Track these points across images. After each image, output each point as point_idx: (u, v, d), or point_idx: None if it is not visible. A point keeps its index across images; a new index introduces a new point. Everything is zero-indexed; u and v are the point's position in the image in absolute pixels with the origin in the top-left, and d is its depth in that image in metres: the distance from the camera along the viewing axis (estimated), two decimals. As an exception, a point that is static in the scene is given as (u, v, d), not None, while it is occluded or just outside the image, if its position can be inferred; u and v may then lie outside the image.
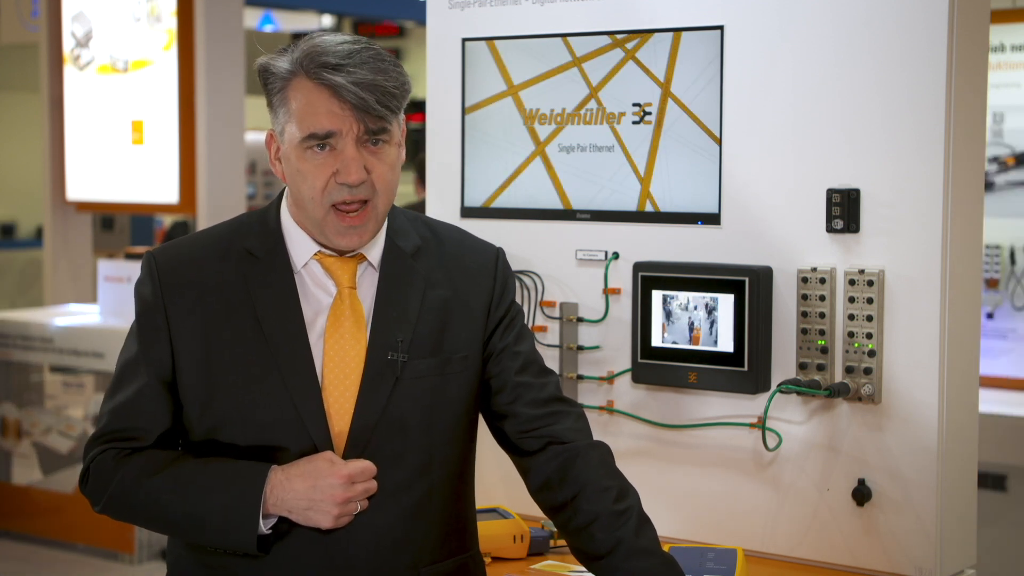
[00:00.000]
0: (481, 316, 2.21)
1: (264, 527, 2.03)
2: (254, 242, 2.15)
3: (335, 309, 2.12)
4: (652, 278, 2.80)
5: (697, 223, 2.81)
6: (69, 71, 6.87)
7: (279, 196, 2.20)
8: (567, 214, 2.96)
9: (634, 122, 2.86)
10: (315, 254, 2.14)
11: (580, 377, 2.96)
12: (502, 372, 2.21)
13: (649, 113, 2.85)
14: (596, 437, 2.25)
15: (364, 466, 2.04)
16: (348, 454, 2.08)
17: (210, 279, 2.12)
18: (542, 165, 2.98)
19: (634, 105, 2.86)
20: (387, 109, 2.05)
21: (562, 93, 2.94)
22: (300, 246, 2.14)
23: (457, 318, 2.18)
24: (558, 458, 2.18)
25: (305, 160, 2.06)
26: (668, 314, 2.79)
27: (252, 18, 11.40)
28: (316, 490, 2.01)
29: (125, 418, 2.12)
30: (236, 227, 2.19)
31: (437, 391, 2.15)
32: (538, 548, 2.77)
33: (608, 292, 2.91)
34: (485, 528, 2.65)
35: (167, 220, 10.52)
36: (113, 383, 2.15)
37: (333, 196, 2.06)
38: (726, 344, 2.72)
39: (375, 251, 2.16)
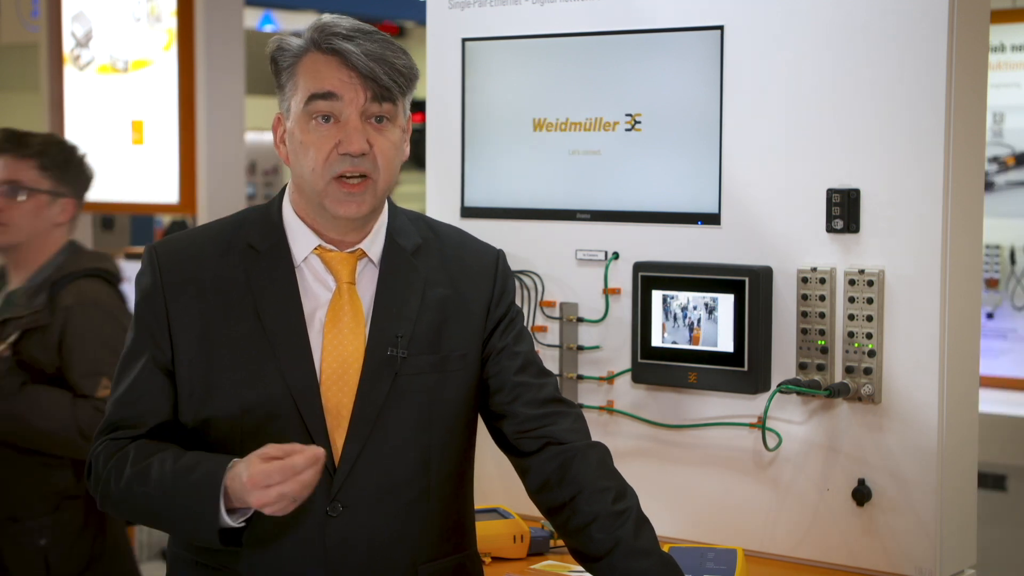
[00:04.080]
0: (480, 316, 2.21)
1: (232, 521, 2.00)
2: (256, 236, 2.15)
3: (334, 304, 2.12)
4: (652, 278, 2.80)
5: (697, 223, 2.81)
6: (69, 71, 6.87)
7: (282, 191, 2.21)
8: (567, 214, 2.96)
9: (635, 122, 2.86)
10: (315, 248, 2.14)
11: (580, 377, 2.96)
12: (501, 372, 2.22)
13: (649, 113, 2.85)
14: (596, 437, 2.25)
15: (263, 474, 1.91)
16: (347, 450, 2.08)
17: (211, 273, 2.12)
18: (542, 165, 2.98)
19: (634, 105, 2.86)
20: (394, 84, 2.06)
21: (562, 92, 2.94)
22: (301, 240, 2.14)
23: (456, 317, 2.19)
24: (556, 459, 2.18)
25: (308, 132, 2.06)
26: (668, 314, 2.79)
27: (252, 18, 11.40)
28: (246, 493, 1.94)
29: (126, 407, 2.12)
30: (238, 221, 2.19)
31: (435, 388, 2.15)
32: (538, 548, 2.77)
33: (608, 292, 2.91)
34: (485, 528, 2.65)
35: (166, 219, 10.53)
36: (115, 376, 2.16)
37: (335, 168, 2.06)
38: (726, 344, 2.72)
39: (375, 248, 2.17)
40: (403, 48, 2.10)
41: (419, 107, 3.17)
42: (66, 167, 3.43)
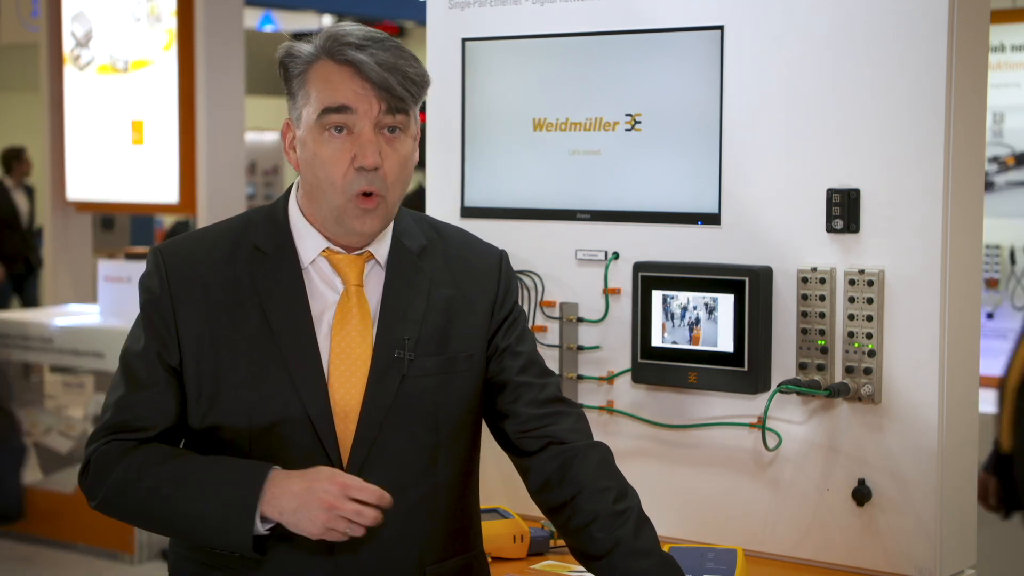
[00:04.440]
0: (485, 316, 2.22)
1: (262, 528, 2.01)
2: (262, 238, 2.14)
3: (342, 306, 2.12)
4: (652, 278, 2.80)
5: (697, 223, 2.81)
6: (69, 71, 6.87)
7: (287, 192, 2.20)
8: (567, 214, 2.96)
9: (635, 122, 2.86)
10: (323, 251, 2.14)
11: (580, 377, 2.96)
12: (503, 372, 2.22)
13: (649, 113, 2.85)
14: (596, 437, 2.25)
15: (366, 485, 1.99)
16: (355, 452, 2.08)
17: (217, 274, 2.12)
18: (542, 165, 2.98)
19: (634, 105, 2.86)
20: (408, 93, 2.05)
21: (562, 92, 2.94)
22: (308, 242, 2.14)
23: (461, 318, 2.19)
24: (558, 458, 2.18)
25: (322, 143, 2.06)
26: (668, 314, 2.79)
27: (252, 18, 11.41)
28: (309, 492, 1.97)
29: (131, 410, 2.10)
30: (243, 223, 2.19)
31: (442, 390, 2.15)
32: (538, 548, 2.77)
33: (608, 292, 2.91)
34: (485, 528, 2.64)
35: (167, 220, 10.54)
36: (118, 376, 2.14)
37: (354, 186, 2.06)
38: (726, 344, 2.72)
39: (382, 249, 2.17)
40: (414, 55, 2.09)
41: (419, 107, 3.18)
42: None
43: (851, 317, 2.63)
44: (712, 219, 2.79)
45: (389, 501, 1.99)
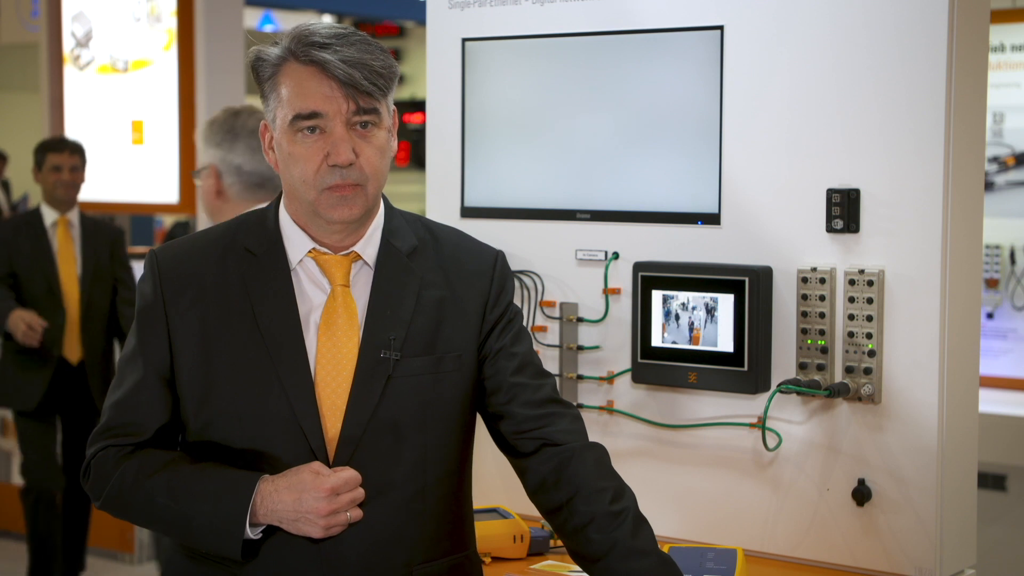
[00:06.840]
0: (476, 317, 2.21)
1: (252, 534, 2.06)
2: (253, 240, 2.17)
3: (328, 307, 2.13)
4: (652, 278, 2.80)
5: (697, 223, 2.81)
6: (69, 71, 6.87)
7: (279, 195, 2.22)
8: (567, 214, 2.96)
9: (635, 122, 2.86)
10: (310, 251, 2.15)
11: (580, 377, 2.96)
12: (498, 373, 2.22)
13: (649, 113, 2.85)
14: (596, 437, 2.25)
15: (348, 476, 2.05)
16: (341, 451, 2.09)
17: (210, 276, 2.14)
18: (542, 164, 2.98)
19: (634, 105, 2.86)
20: (375, 87, 2.07)
21: (562, 92, 2.94)
22: (296, 243, 2.16)
23: (452, 318, 2.19)
24: (553, 460, 2.18)
25: (296, 143, 2.09)
26: (668, 314, 2.79)
27: (252, 18, 11.40)
28: (301, 503, 2.03)
29: (125, 413, 2.14)
30: (236, 225, 2.21)
31: (430, 390, 2.15)
32: (538, 548, 2.77)
33: (608, 292, 2.91)
34: (485, 528, 2.65)
35: (167, 220, 10.54)
36: (115, 379, 2.19)
37: (325, 180, 2.08)
38: (726, 344, 2.72)
39: (370, 250, 2.17)
40: (381, 46, 2.11)
41: (419, 107, 3.18)
42: None
43: (851, 317, 2.63)
44: (712, 219, 2.79)
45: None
